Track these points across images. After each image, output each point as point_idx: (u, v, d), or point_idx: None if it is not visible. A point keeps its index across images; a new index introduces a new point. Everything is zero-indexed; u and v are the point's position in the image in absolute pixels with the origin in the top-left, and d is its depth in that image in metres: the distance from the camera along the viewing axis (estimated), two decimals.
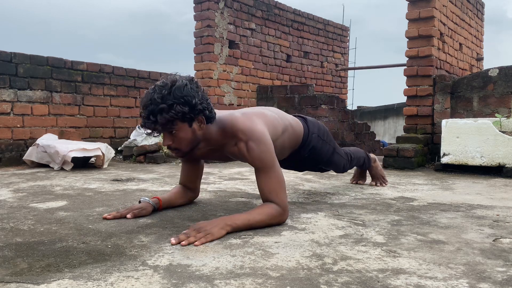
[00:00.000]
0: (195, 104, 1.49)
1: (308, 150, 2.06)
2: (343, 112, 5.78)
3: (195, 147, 1.62)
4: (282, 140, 1.87)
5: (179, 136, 1.53)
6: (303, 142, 2.03)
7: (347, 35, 8.11)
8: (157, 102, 1.44)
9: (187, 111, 1.47)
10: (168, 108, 1.44)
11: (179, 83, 1.48)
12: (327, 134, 2.20)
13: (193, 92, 1.49)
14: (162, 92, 1.45)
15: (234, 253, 1.28)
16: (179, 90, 1.46)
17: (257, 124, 1.64)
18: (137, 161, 4.22)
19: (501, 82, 3.98)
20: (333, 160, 2.27)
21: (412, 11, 4.21)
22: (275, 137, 1.78)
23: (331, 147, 2.22)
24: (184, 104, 1.46)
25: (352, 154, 2.48)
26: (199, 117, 1.54)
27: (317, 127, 2.12)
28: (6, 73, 3.83)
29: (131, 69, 4.90)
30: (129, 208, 1.74)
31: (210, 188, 2.56)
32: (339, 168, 2.42)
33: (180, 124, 1.50)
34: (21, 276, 1.07)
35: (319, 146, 2.11)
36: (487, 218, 1.81)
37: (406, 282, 1.06)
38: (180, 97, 1.46)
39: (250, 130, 1.60)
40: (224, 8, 5.66)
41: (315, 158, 2.15)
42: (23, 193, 2.32)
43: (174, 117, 1.46)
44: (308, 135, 2.04)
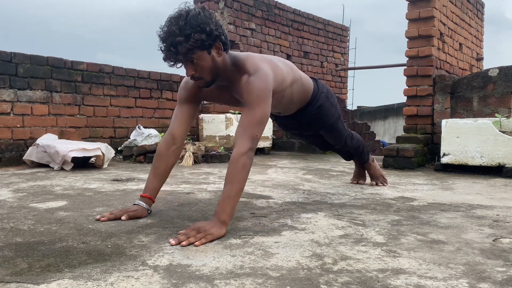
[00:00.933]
0: (211, 30, 1.54)
1: (315, 107, 2.12)
2: (343, 112, 5.78)
3: (216, 77, 1.65)
4: (291, 91, 1.91)
5: (200, 64, 1.57)
6: (312, 98, 2.09)
7: (347, 35, 8.11)
8: (175, 33, 1.49)
9: (204, 38, 1.52)
10: (186, 38, 1.49)
11: (193, 12, 1.52)
12: (334, 98, 2.26)
13: (207, 19, 1.54)
14: (179, 23, 1.50)
15: (234, 253, 1.28)
16: (194, 19, 1.51)
17: (265, 66, 1.68)
18: (137, 161, 4.22)
19: (501, 82, 3.98)
20: (337, 126, 2.32)
21: (412, 11, 4.21)
22: (284, 86, 1.82)
23: (337, 111, 2.29)
24: (201, 31, 1.51)
25: (353, 133, 2.55)
26: (216, 44, 1.59)
27: (326, 88, 2.20)
28: (6, 73, 3.83)
29: (131, 69, 4.90)
30: (124, 210, 1.73)
31: (210, 188, 2.56)
32: (341, 139, 2.43)
33: (199, 53, 1.54)
34: (21, 276, 1.07)
35: (326, 106, 2.17)
36: (487, 218, 1.81)
37: (406, 282, 1.06)
38: (197, 25, 1.50)
39: (257, 68, 1.64)
40: (224, 8, 5.66)
41: (321, 118, 2.19)
42: (23, 193, 2.32)
43: (194, 45, 1.51)
44: (317, 93, 2.10)
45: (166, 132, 1.84)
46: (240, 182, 1.52)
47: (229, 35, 5.72)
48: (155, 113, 5.16)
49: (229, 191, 1.49)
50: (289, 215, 1.82)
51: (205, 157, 4.25)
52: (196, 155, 4.14)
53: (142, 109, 5.02)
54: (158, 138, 4.44)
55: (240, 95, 1.68)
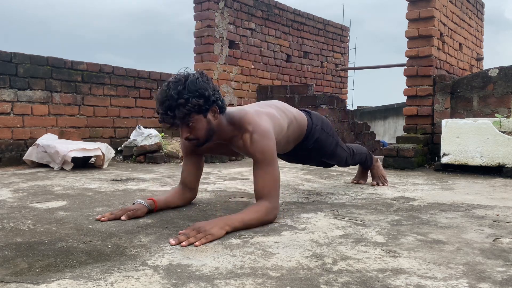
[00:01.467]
0: (208, 96, 1.57)
1: (312, 141, 2.14)
2: (343, 112, 5.78)
3: (210, 137, 1.68)
4: (287, 134, 1.96)
5: (196, 127, 1.61)
6: (307, 134, 2.11)
7: (347, 35, 8.11)
8: (173, 98, 1.52)
9: (202, 103, 1.55)
10: (184, 102, 1.52)
11: (191, 77, 1.56)
12: (330, 128, 2.28)
13: (205, 84, 1.57)
14: (178, 87, 1.52)
15: (234, 253, 1.28)
16: (192, 84, 1.54)
17: (264, 120, 1.74)
18: (137, 161, 4.22)
19: (501, 82, 3.98)
20: (336, 153, 2.34)
21: (412, 11, 4.21)
22: (281, 134, 1.87)
23: (334, 140, 2.30)
24: (199, 97, 1.54)
25: (354, 149, 2.56)
26: (213, 108, 1.62)
27: (320, 120, 2.21)
28: (6, 73, 3.83)
29: (131, 69, 4.90)
30: (124, 209, 1.73)
31: (210, 188, 2.56)
32: (342, 162, 2.48)
33: (196, 116, 1.58)
34: (21, 276, 1.07)
35: (323, 138, 2.19)
36: (487, 218, 1.81)
37: (406, 282, 1.06)
38: (195, 91, 1.53)
39: (257, 124, 1.69)
40: (224, 8, 5.66)
41: (319, 150, 2.21)
42: (23, 193, 2.32)
43: (191, 110, 1.54)
44: (312, 128, 2.12)
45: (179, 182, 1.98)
46: (257, 221, 1.58)
47: (229, 35, 5.74)
48: (155, 113, 5.15)
49: (246, 217, 1.56)
50: (289, 215, 1.82)
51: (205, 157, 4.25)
52: None
53: (142, 109, 5.02)
54: (158, 138, 4.45)
55: (244, 151, 1.74)
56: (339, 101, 5.74)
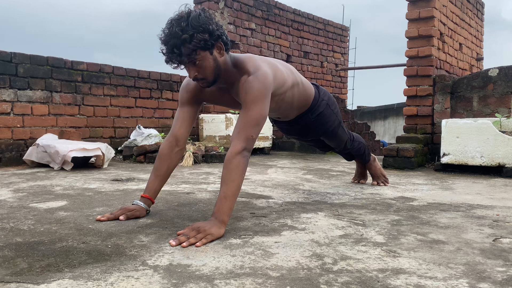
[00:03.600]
0: (212, 30, 1.55)
1: (315, 114, 2.11)
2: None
3: (218, 76, 1.65)
4: (291, 95, 1.90)
5: (203, 65, 1.57)
6: (312, 105, 2.08)
7: (347, 35, 8.11)
8: (178, 35, 1.49)
9: (207, 37, 1.52)
10: (190, 38, 1.50)
11: (193, 13, 1.53)
12: (335, 106, 2.24)
13: (208, 20, 1.55)
14: (181, 24, 1.50)
15: (234, 253, 1.28)
16: (195, 19, 1.51)
17: (265, 66, 1.68)
18: (137, 161, 4.22)
19: (501, 82, 3.98)
20: (338, 132, 2.31)
21: (412, 11, 4.21)
22: (284, 88, 1.82)
23: (337, 119, 2.27)
24: (203, 31, 1.52)
25: (354, 136, 2.53)
26: (218, 44, 1.59)
27: (327, 96, 2.18)
28: (6, 73, 3.83)
29: (131, 69, 4.90)
30: (123, 209, 1.72)
31: (210, 188, 2.56)
32: (341, 144, 2.44)
33: (202, 53, 1.55)
34: (21, 276, 1.07)
35: (327, 114, 2.15)
36: (487, 218, 1.81)
37: (406, 282, 1.06)
38: (198, 26, 1.51)
39: (257, 68, 1.64)
40: (224, 8, 5.66)
41: (321, 125, 2.18)
42: (23, 193, 2.32)
43: (197, 45, 1.51)
44: (318, 100, 2.09)
45: (168, 133, 1.85)
46: (235, 181, 1.51)
47: (229, 35, 5.72)
48: (155, 113, 5.16)
49: (225, 191, 1.50)
50: (289, 215, 1.82)
51: (205, 157, 4.25)
52: (196, 155, 4.14)
53: (142, 109, 5.02)
54: (158, 138, 4.44)
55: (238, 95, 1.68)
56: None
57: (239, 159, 1.52)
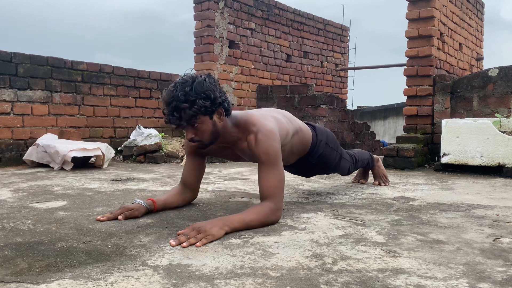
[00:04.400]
0: (215, 98, 1.56)
1: (316, 157, 2.12)
2: (343, 112, 5.78)
3: (215, 139, 1.67)
4: (291, 144, 1.92)
5: (201, 129, 1.59)
6: (311, 149, 2.08)
7: (347, 35, 8.10)
8: (180, 99, 1.51)
9: (208, 105, 1.54)
10: (191, 104, 1.51)
11: (198, 79, 1.55)
12: (334, 142, 2.24)
13: (212, 86, 1.56)
14: (185, 89, 1.51)
15: (234, 253, 1.28)
16: (199, 85, 1.53)
17: (269, 121, 1.72)
18: (137, 161, 4.22)
19: (501, 82, 3.98)
20: (339, 165, 2.33)
21: (412, 11, 4.21)
22: (286, 140, 1.84)
23: (338, 154, 2.27)
24: (205, 98, 1.53)
25: (357, 157, 2.54)
26: (219, 110, 1.61)
27: (325, 135, 2.17)
28: (6, 73, 3.83)
29: (131, 69, 4.90)
30: (122, 208, 1.73)
31: (210, 188, 2.56)
32: (345, 172, 2.49)
33: (202, 118, 1.57)
34: (21, 276, 1.07)
35: (327, 153, 2.16)
36: (487, 218, 1.81)
37: (406, 282, 1.06)
38: (201, 92, 1.52)
39: (262, 125, 1.68)
40: (224, 8, 5.66)
41: (322, 164, 2.20)
42: (23, 193, 2.32)
43: (197, 111, 1.53)
44: (316, 142, 2.09)
45: (180, 181, 1.96)
46: (258, 222, 1.57)
47: (229, 35, 5.73)
48: (155, 113, 5.16)
49: (247, 217, 1.56)
50: (289, 215, 1.82)
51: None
52: None
53: (142, 109, 5.02)
54: (158, 138, 4.45)
55: (249, 154, 1.72)
56: (339, 101, 5.74)
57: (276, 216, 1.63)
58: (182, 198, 1.93)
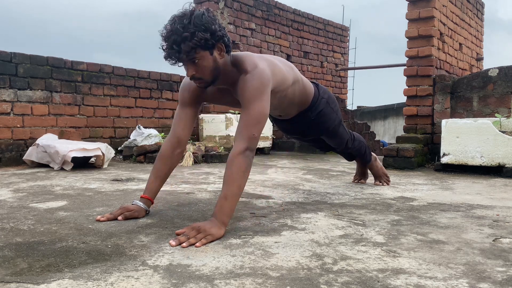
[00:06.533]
0: (215, 30, 1.53)
1: (315, 113, 2.10)
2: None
3: (216, 78, 1.63)
4: (292, 91, 1.89)
5: (201, 65, 1.56)
6: (312, 103, 2.07)
7: (347, 35, 8.11)
8: (179, 31, 1.48)
9: (208, 37, 1.51)
10: (190, 36, 1.48)
11: (197, 12, 1.52)
12: (335, 104, 2.24)
13: (211, 19, 1.54)
14: (183, 21, 1.49)
15: (234, 253, 1.28)
16: (198, 18, 1.50)
17: (262, 64, 1.66)
18: (137, 161, 4.22)
19: (501, 82, 3.98)
20: (338, 131, 2.30)
21: (412, 11, 4.21)
22: (285, 85, 1.81)
23: (338, 118, 2.26)
24: (205, 31, 1.50)
25: (354, 135, 2.53)
26: (219, 44, 1.58)
27: (327, 94, 2.17)
28: (6, 73, 3.83)
29: (131, 69, 4.90)
30: (122, 208, 1.72)
31: (210, 188, 2.55)
32: (342, 143, 2.43)
33: (202, 53, 1.53)
34: (21, 276, 1.07)
35: (327, 112, 2.15)
36: (487, 218, 1.81)
37: (406, 282, 1.06)
38: (201, 25, 1.50)
39: (255, 65, 1.62)
40: (224, 8, 5.66)
41: (321, 123, 2.18)
42: (23, 193, 2.32)
43: (197, 44, 1.50)
44: (318, 98, 2.08)
45: (169, 133, 1.83)
46: (236, 182, 1.50)
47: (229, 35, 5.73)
48: (155, 113, 5.16)
49: (226, 191, 1.49)
50: (289, 215, 1.82)
51: (205, 157, 4.25)
52: (196, 155, 4.14)
53: (142, 109, 5.02)
54: (158, 138, 4.44)
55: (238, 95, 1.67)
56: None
57: (240, 159, 1.51)
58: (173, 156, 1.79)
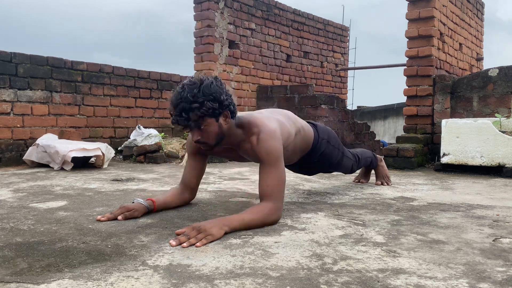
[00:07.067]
0: (222, 100, 1.58)
1: (318, 155, 2.15)
2: (343, 112, 5.78)
3: (220, 141, 1.68)
4: (294, 143, 1.95)
5: (207, 130, 1.61)
6: (313, 147, 2.11)
7: (347, 35, 8.11)
8: (188, 100, 1.52)
9: (216, 107, 1.56)
10: (199, 106, 1.53)
11: (206, 81, 1.57)
12: (336, 140, 2.27)
13: (219, 89, 1.58)
14: (193, 90, 1.53)
15: (234, 253, 1.28)
16: (207, 88, 1.55)
17: (271, 122, 1.74)
18: (137, 161, 4.22)
19: (501, 82, 3.98)
20: (342, 162, 2.36)
21: (412, 11, 4.21)
22: (288, 140, 1.86)
23: (340, 151, 2.31)
24: (213, 100, 1.55)
25: (359, 155, 2.57)
26: (225, 112, 1.62)
27: (327, 133, 2.21)
28: (6, 73, 3.83)
29: (131, 69, 4.90)
30: (122, 207, 1.73)
31: (210, 188, 2.55)
32: (348, 170, 2.52)
33: (208, 120, 1.58)
34: (21, 276, 1.07)
35: (328, 151, 2.19)
36: (487, 218, 1.81)
37: (406, 282, 1.06)
38: (209, 94, 1.54)
39: (264, 125, 1.70)
40: (224, 8, 5.66)
41: (324, 162, 2.23)
42: (23, 193, 2.32)
43: (205, 113, 1.55)
44: (318, 141, 2.12)
45: (181, 181, 1.97)
46: (258, 221, 1.58)
47: (229, 35, 5.73)
48: (155, 113, 5.16)
49: (246, 217, 1.57)
50: (289, 215, 1.82)
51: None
52: None
53: (142, 109, 5.02)
54: (158, 138, 4.45)
55: (251, 154, 1.73)
56: (339, 101, 5.73)
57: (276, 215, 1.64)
58: (181, 198, 1.94)
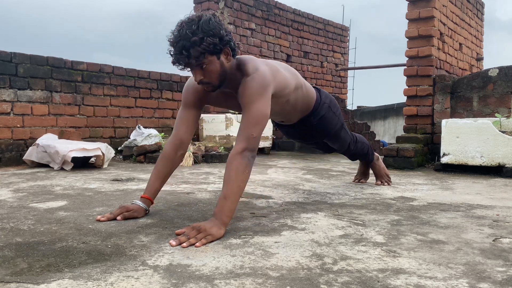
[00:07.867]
0: (222, 35, 1.56)
1: (318, 118, 2.12)
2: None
3: (223, 81, 1.65)
4: (295, 97, 1.91)
5: (209, 69, 1.58)
6: (314, 108, 2.09)
7: (347, 35, 8.11)
8: (188, 37, 1.50)
9: (217, 42, 1.54)
10: (199, 41, 1.51)
11: (204, 17, 1.54)
12: (337, 108, 2.26)
13: (218, 25, 1.56)
14: (192, 27, 1.51)
15: (234, 253, 1.28)
16: (206, 23, 1.53)
17: (266, 68, 1.68)
18: (137, 161, 4.22)
19: (501, 82, 3.98)
20: (340, 135, 2.33)
21: (412, 11, 4.21)
22: (288, 91, 1.82)
23: (340, 122, 2.29)
24: (213, 36, 1.53)
25: (357, 137, 2.56)
26: (226, 49, 1.60)
27: (329, 99, 2.19)
28: (6, 73, 3.83)
29: (131, 69, 4.90)
30: (122, 207, 1.72)
31: (210, 188, 2.55)
32: (344, 146, 2.46)
33: (210, 57, 1.56)
34: (21, 276, 1.07)
35: (329, 117, 2.17)
36: (487, 218, 1.81)
37: (406, 282, 1.06)
38: (209, 30, 1.52)
39: (256, 68, 1.64)
40: (224, 8, 5.66)
41: (323, 128, 2.20)
42: (23, 193, 2.32)
43: (206, 49, 1.52)
44: (319, 103, 2.11)
45: (171, 135, 1.83)
46: (235, 182, 1.50)
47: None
48: (155, 113, 5.16)
49: (225, 192, 1.49)
50: (289, 215, 1.82)
51: (205, 157, 4.25)
52: (196, 155, 4.14)
53: (142, 109, 5.02)
54: (158, 138, 4.44)
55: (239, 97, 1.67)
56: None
57: (239, 160, 1.52)
58: (176, 158, 1.80)
